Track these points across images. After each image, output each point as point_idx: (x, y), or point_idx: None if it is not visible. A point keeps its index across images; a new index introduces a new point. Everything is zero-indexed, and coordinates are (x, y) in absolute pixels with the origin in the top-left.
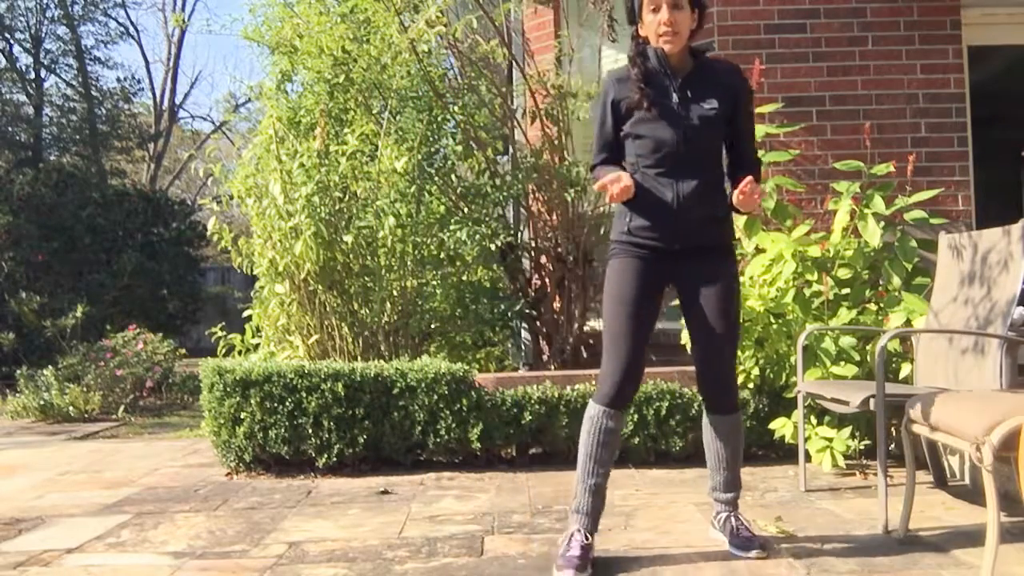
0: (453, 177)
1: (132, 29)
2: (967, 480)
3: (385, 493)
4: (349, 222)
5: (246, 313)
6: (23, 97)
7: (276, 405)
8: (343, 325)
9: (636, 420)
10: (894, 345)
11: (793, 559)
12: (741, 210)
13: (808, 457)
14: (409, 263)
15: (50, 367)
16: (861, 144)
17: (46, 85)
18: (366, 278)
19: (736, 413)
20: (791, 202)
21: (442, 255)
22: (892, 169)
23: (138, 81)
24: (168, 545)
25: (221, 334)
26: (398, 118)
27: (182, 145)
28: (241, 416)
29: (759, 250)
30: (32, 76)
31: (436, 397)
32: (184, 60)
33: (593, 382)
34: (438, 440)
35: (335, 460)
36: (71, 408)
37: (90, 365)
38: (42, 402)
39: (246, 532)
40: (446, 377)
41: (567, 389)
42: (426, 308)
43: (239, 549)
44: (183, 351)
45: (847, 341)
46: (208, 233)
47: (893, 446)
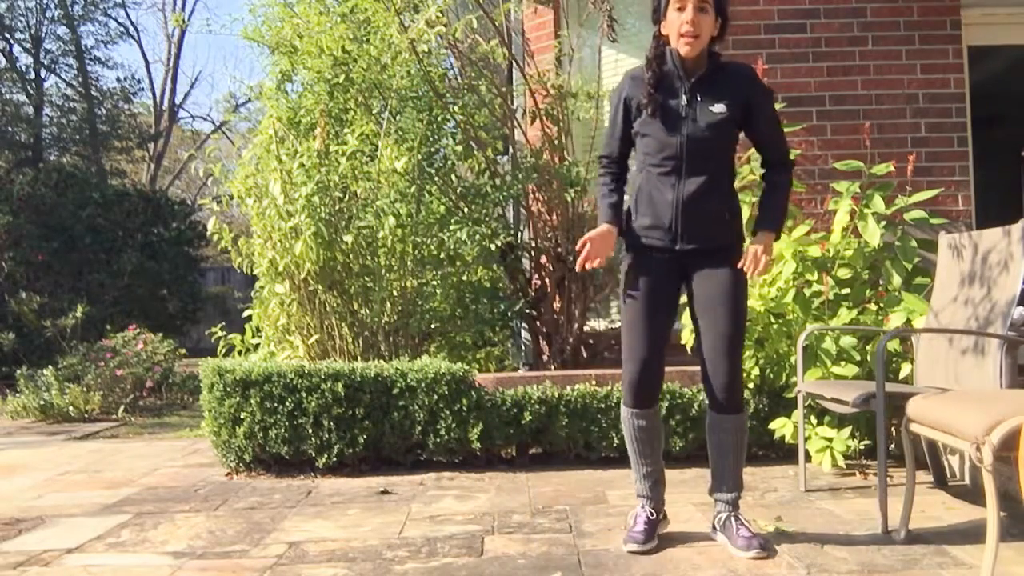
0: (453, 177)
1: (132, 29)
2: (967, 480)
3: (385, 493)
4: (349, 222)
5: (246, 313)
6: (23, 97)
7: (276, 405)
8: (343, 325)
9: None
10: (894, 345)
11: (793, 559)
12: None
13: (808, 457)
14: (409, 263)
15: (50, 367)
16: (861, 144)
17: (46, 85)
18: (366, 278)
19: (741, 413)
20: (791, 202)
21: (442, 255)
22: (892, 169)
23: (138, 81)
24: (168, 545)
25: (221, 334)
26: (398, 118)
27: (182, 145)
28: (241, 416)
29: None
30: (32, 76)
31: (436, 397)
32: (184, 60)
33: (593, 382)
34: (438, 440)
35: (335, 460)
36: (71, 408)
37: (90, 365)
38: (42, 402)
39: (246, 532)
40: (446, 377)
41: (567, 389)
42: (426, 308)
43: (239, 549)
44: (183, 351)
45: (847, 341)
46: (208, 233)
47: (893, 446)
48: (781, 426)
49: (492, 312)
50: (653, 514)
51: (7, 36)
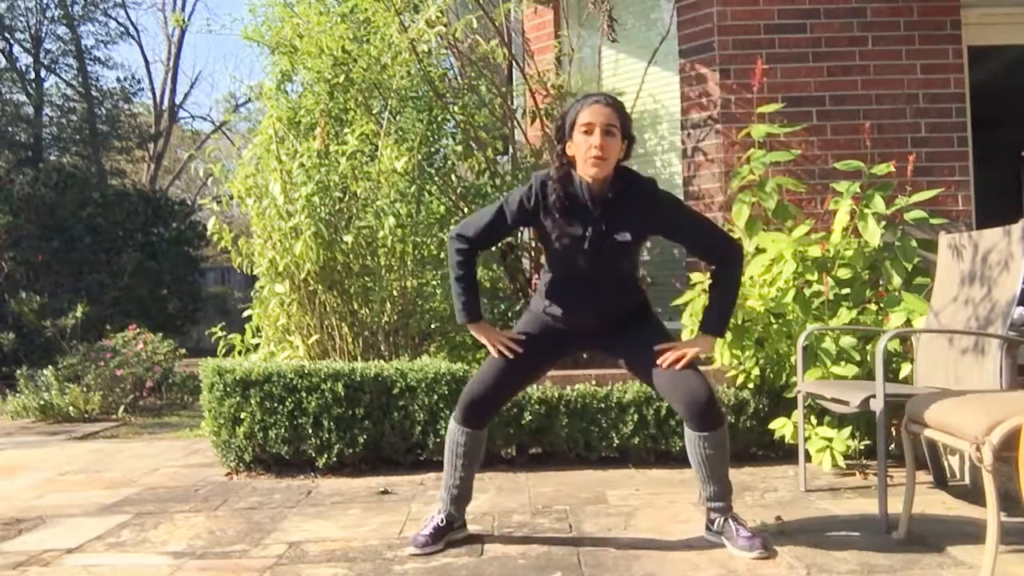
0: (453, 177)
1: (132, 29)
2: (967, 480)
3: (385, 493)
4: (349, 222)
5: (246, 313)
6: (23, 97)
7: (276, 405)
8: (343, 325)
9: (636, 420)
10: (894, 345)
11: (793, 559)
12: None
13: (808, 457)
14: (409, 263)
15: (50, 367)
16: (861, 144)
17: (46, 85)
18: (366, 278)
19: (720, 428)
20: (791, 202)
21: (442, 255)
22: (892, 169)
23: (138, 81)
24: (168, 545)
25: (221, 334)
26: (398, 118)
27: (182, 145)
28: (241, 416)
29: (759, 250)
30: (32, 76)
31: (436, 397)
32: (184, 60)
33: (594, 382)
34: (438, 440)
35: (335, 460)
36: (71, 408)
37: (90, 365)
38: (42, 402)
39: (246, 532)
40: (446, 377)
41: (567, 389)
42: (426, 308)
43: (239, 549)
44: (183, 351)
45: (847, 341)
46: (208, 233)
47: (893, 446)
48: (781, 426)
49: (492, 312)
50: (443, 522)
51: (7, 36)
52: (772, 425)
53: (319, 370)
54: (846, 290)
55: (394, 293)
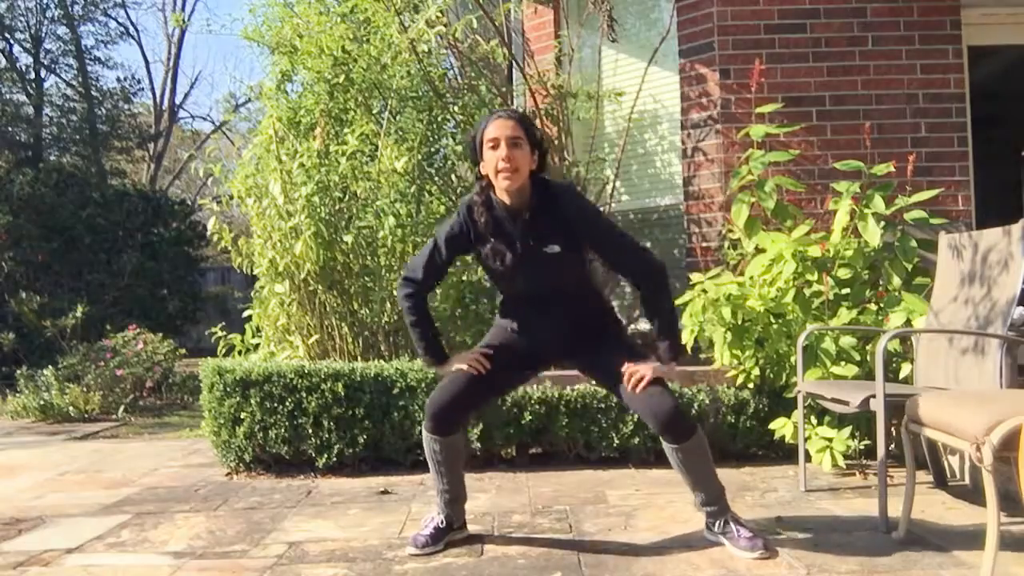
0: (453, 177)
1: (132, 29)
2: (967, 480)
3: (385, 493)
4: (349, 222)
5: (246, 313)
6: (23, 97)
7: (276, 405)
8: (343, 325)
9: (636, 420)
10: (894, 345)
11: (793, 559)
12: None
13: (808, 457)
14: None
15: (50, 367)
16: (861, 144)
17: (46, 85)
18: (366, 278)
19: (693, 437)
20: (791, 202)
21: None
22: (892, 169)
23: (138, 81)
24: (168, 545)
25: (221, 334)
26: (398, 118)
27: (182, 145)
28: (241, 416)
29: (759, 250)
30: (32, 76)
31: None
32: (184, 60)
33: (594, 382)
34: None
35: (335, 460)
36: (71, 408)
37: (90, 365)
38: (42, 402)
39: (246, 532)
40: None
41: (567, 389)
42: None
43: (239, 549)
44: (183, 351)
45: (847, 341)
46: (208, 233)
47: (893, 446)
48: (781, 426)
49: (492, 312)
50: (443, 523)
51: (7, 36)
52: (772, 425)
53: (319, 370)
54: (846, 290)
55: (394, 293)
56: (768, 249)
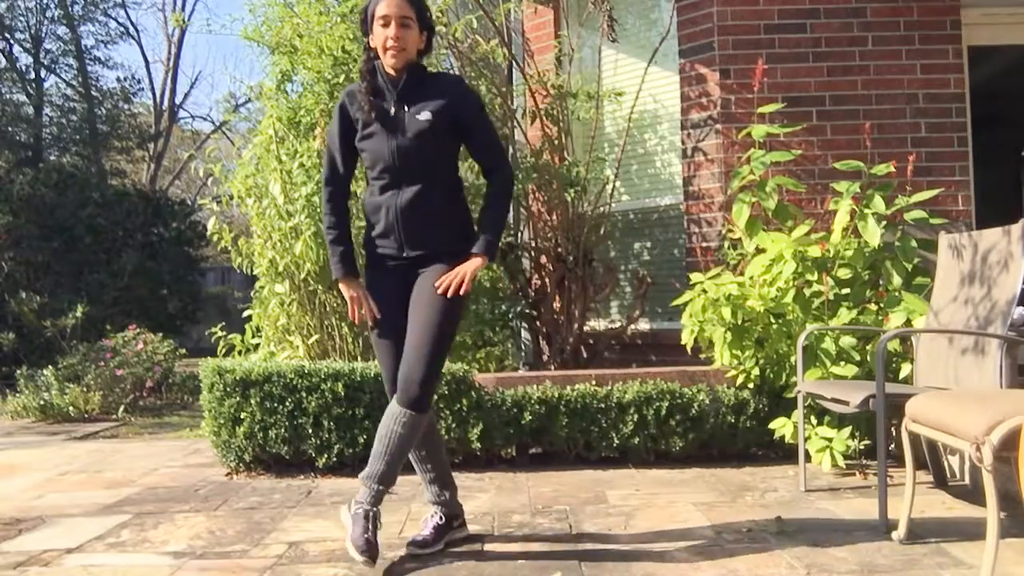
0: None
1: (132, 29)
2: (967, 480)
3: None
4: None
5: (246, 313)
6: (23, 97)
7: (276, 405)
8: (343, 325)
9: (636, 420)
10: (894, 345)
11: (793, 559)
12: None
13: (808, 457)
14: None
15: (50, 367)
16: (861, 144)
17: (46, 85)
18: None
19: (419, 415)
20: (791, 202)
21: None
22: (892, 169)
23: (138, 81)
24: (168, 545)
25: (221, 334)
26: None
27: (182, 145)
28: (241, 416)
29: (759, 250)
30: (32, 76)
31: (436, 397)
32: (184, 60)
33: (593, 382)
34: None
35: (335, 460)
36: (71, 408)
37: (90, 365)
38: (42, 402)
39: (246, 532)
40: (446, 377)
41: (567, 389)
42: None
43: (239, 549)
44: (183, 351)
45: (847, 341)
46: (208, 233)
47: (893, 446)
48: (781, 426)
49: (492, 312)
50: (443, 519)
51: (7, 36)
52: (772, 425)
53: (319, 370)
54: (846, 290)
55: None
56: (768, 249)
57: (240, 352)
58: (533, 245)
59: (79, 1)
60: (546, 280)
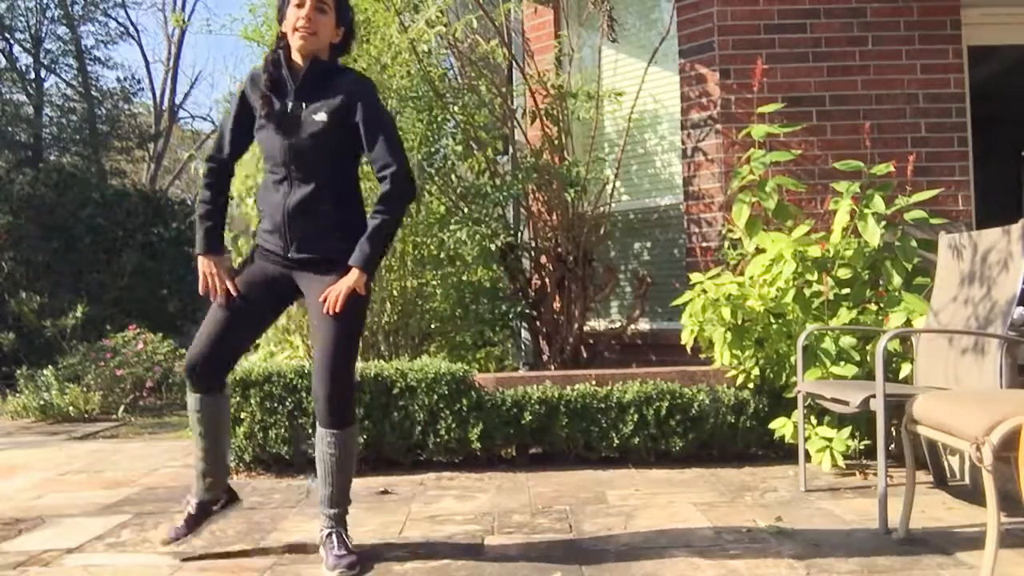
0: (453, 177)
1: (132, 29)
2: (967, 480)
3: (385, 493)
4: None
5: None
6: (23, 97)
7: (276, 405)
8: None
9: (636, 420)
10: (894, 345)
11: (793, 559)
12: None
13: (808, 457)
14: (409, 263)
15: (50, 367)
16: (861, 144)
17: (46, 85)
18: None
19: (342, 431)
20: (791, 202)
21: (442, 255)
22: (892, 169)
23: (138, 81)
24: (168, 545)
25: None
26: (398, 118)
27: (182, 145)
28: (241, 416)
29: (759, 250)
30: (32, 76)
31: (436, 397)
32: (184, 60)
33: (593, 382)
34: (438, 440)
35: None
36: (71, 408)
37: (90, 365)
38: (42, 402)
39: (246, 532)
40: (446, 377)
41: (567, 389)
42: (426, 308)
43: (239, 549)
44: (183, 351)
45: (847, 341)
46: None
47: (893, 446)
48: (781, 426)
49: (492, 312)
50: (196, 509)
51: (7, 36)
52: (772, 425)
53: None
54: (846, 290)
55: (394, 293)
56: (768, 249)
57: None
58: (533, 245)
59: (79, 1)
60: (546, 280)
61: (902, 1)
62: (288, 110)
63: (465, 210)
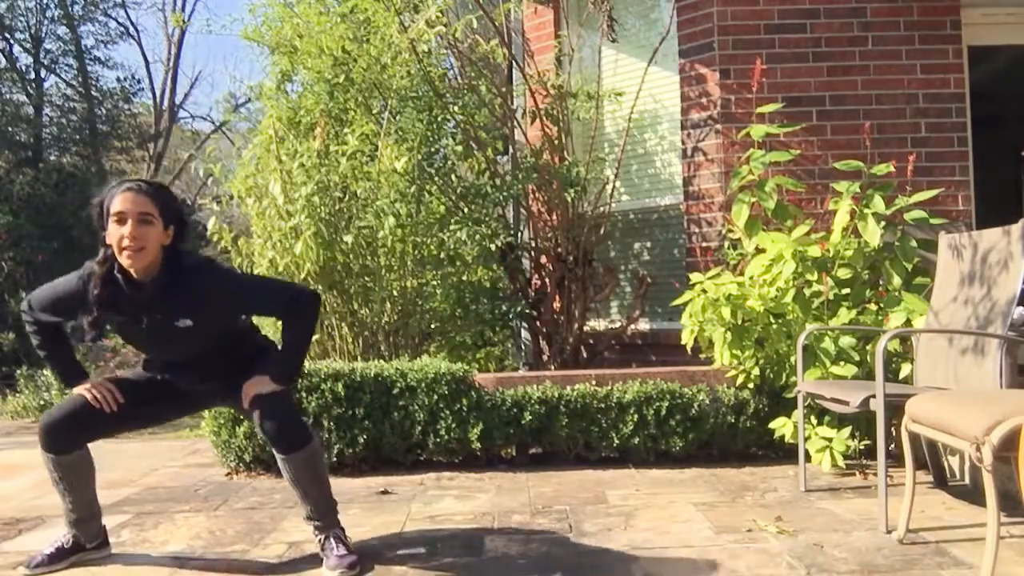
0: (453, 177)
1: (132, 29)
2: (967, 480)
3: (385, 493)
4: (349, 222)
5: None
6: (23, 97)
7: None
8: (343, 325)
9: (636, 420)
10: (894, 345)
11: (793, 559)
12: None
13: (808, 457)
14: (409, 263)
15: None
16: (861, 144)
17: (46, 85)
18: (366, 278)
19: (302, 449)
20: (791, 202)
21: (442, 255)
22: (892, 169)
23: (138, 81)
24: (168, 545)
25: None
26: (398, 118)
27: (182, 145)
28: (241, 416)
29: (759, 250)
30: (32, 76)
31: (436, 397)
32: (184, 60)
33: (593, 382)
34: (438, 440)
35: (335, 460)
36: None
37: (90, 365)
38: (42, 402)
39: (246, 532)
40: (446, 377)
41: (567, 389)
42: (426, 308)
43: (239, 549)
44: None
45: (847, 341)
46: (208, 233)
47: (893, 446)
48: (781, 426)
49: (492, 312)
50: (69, 543)
51: (7, 36)
52: (772, 425)
53: (319, 370)
54: (846, 290)
55: (394, 293)
56: (768, 249)
57: None
58: (533, 245)
59: (79, 1)
60: (546, 280)
61: (902, 1)
62: (143, 324)
63: (465, 210)
